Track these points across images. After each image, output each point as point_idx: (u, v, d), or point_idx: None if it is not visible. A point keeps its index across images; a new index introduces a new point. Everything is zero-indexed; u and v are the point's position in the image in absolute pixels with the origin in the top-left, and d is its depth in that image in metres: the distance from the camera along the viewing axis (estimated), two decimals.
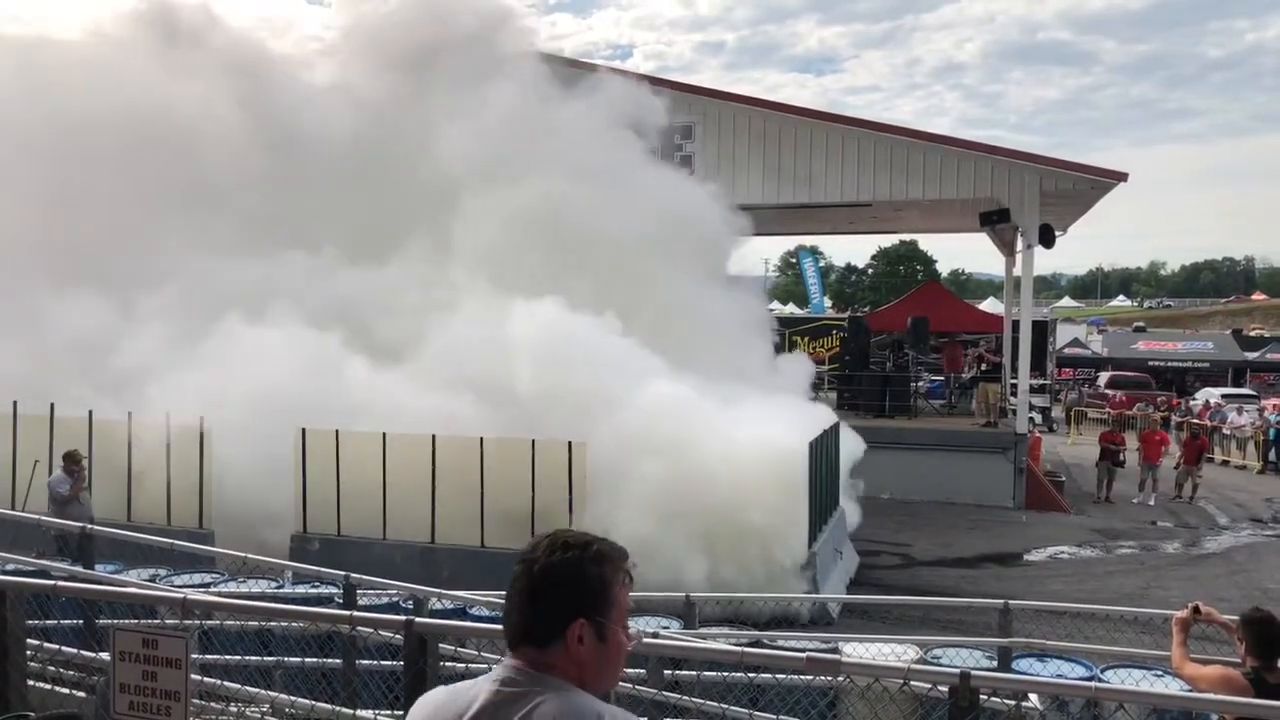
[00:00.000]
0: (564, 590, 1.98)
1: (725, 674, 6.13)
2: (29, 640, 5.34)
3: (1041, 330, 26.81)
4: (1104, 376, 40.92)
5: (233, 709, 5.54)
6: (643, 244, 15.73)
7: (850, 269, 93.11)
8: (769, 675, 5.96)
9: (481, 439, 11.63)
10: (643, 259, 15.70)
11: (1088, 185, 20.23)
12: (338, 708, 5.56)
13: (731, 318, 16.52)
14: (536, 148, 16.25)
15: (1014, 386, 21.46)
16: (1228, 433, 27.84)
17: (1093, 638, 7.74)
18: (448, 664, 6.09)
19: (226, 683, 5.74)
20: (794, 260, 58.51)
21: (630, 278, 15.43)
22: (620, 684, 6.22)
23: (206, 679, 5.70)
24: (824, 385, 20.28)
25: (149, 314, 14.48)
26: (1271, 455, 25.73)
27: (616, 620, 2.02)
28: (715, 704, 5.97)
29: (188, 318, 14.20)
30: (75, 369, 13.53)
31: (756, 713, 5.89)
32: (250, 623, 6.72)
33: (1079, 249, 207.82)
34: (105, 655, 4.56)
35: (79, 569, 8.31)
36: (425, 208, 16.40)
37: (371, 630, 5.85)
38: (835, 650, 6.98)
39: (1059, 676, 6.73)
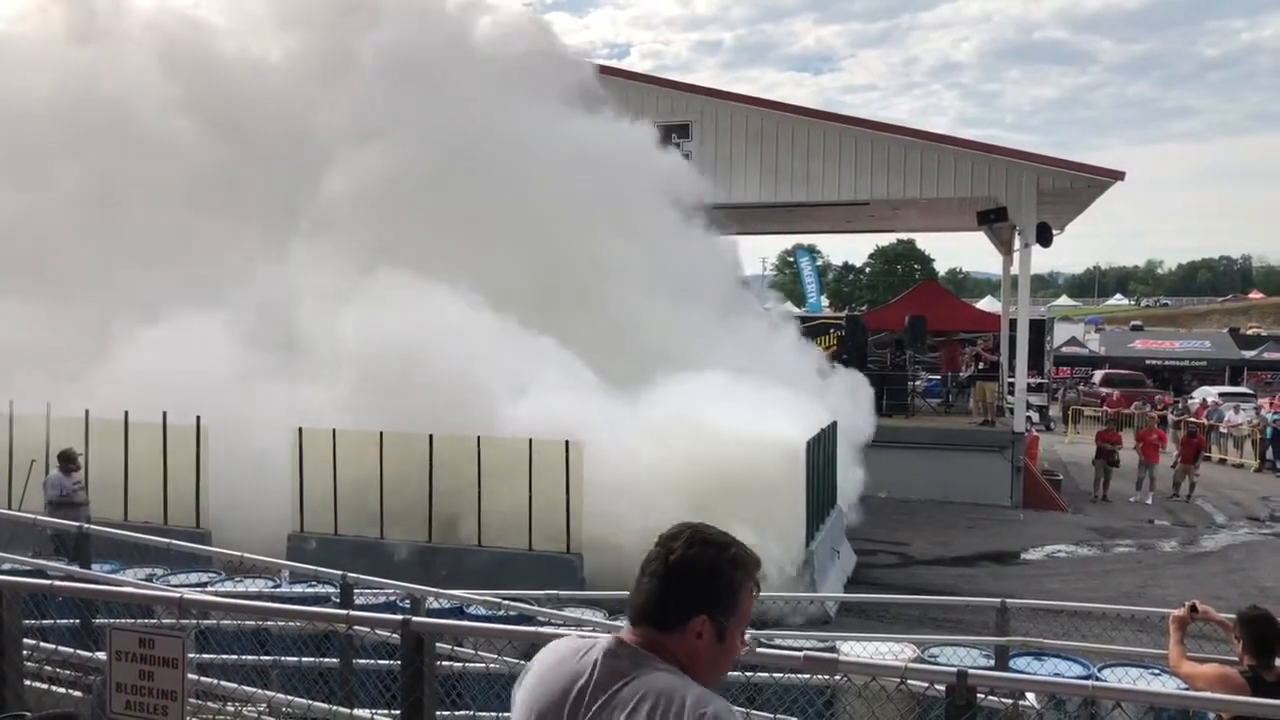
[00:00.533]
0: (695, 585, 2.06)
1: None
2: (25, 640, 5.33)
3: (1039, 329, 26.83)
4: (1098, 374, 41.01)
5: (230, 708, 5.53)
6: (568, 199, 14.80)
7: (848, 268, 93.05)
8: (766, 674, 5.95)
9: (479, 438, 11.61)
10: (567, 216, 14.81)
11: (1085, 184, 20.25)
12: (335, 707, 5.56)
13: (695, 279, 15.77)
14: (430, 101, 15.20)
15: (1011, 385, 21.48)
16: (1225, 431, 27.88)
17: (1090, 636, 7.74)
18: (445, 663, 6.09)
19: (223, 682, 5.74)
20: (791, 259, 58.50)
21: (554, 240, 14.63)
22: None
23: (203, 678, 5.70)
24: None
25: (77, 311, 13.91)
26: (1268, 454, 25.76)
27: (737, 625, 2.10)
28: None
29: (104, 314, 13.70)
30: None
31: (754, 711, 5.88)
32: (247, 622, 6.71)
33: (1076, 248, 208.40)
34: (102, 655, 4.55)
35: (76, 568, 8.30)
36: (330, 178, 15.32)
37: (368, 629, 5.84)
38: (832, 649, 6.99)
39: (1056, 675, 6.73)
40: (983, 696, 4.12)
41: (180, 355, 12.70)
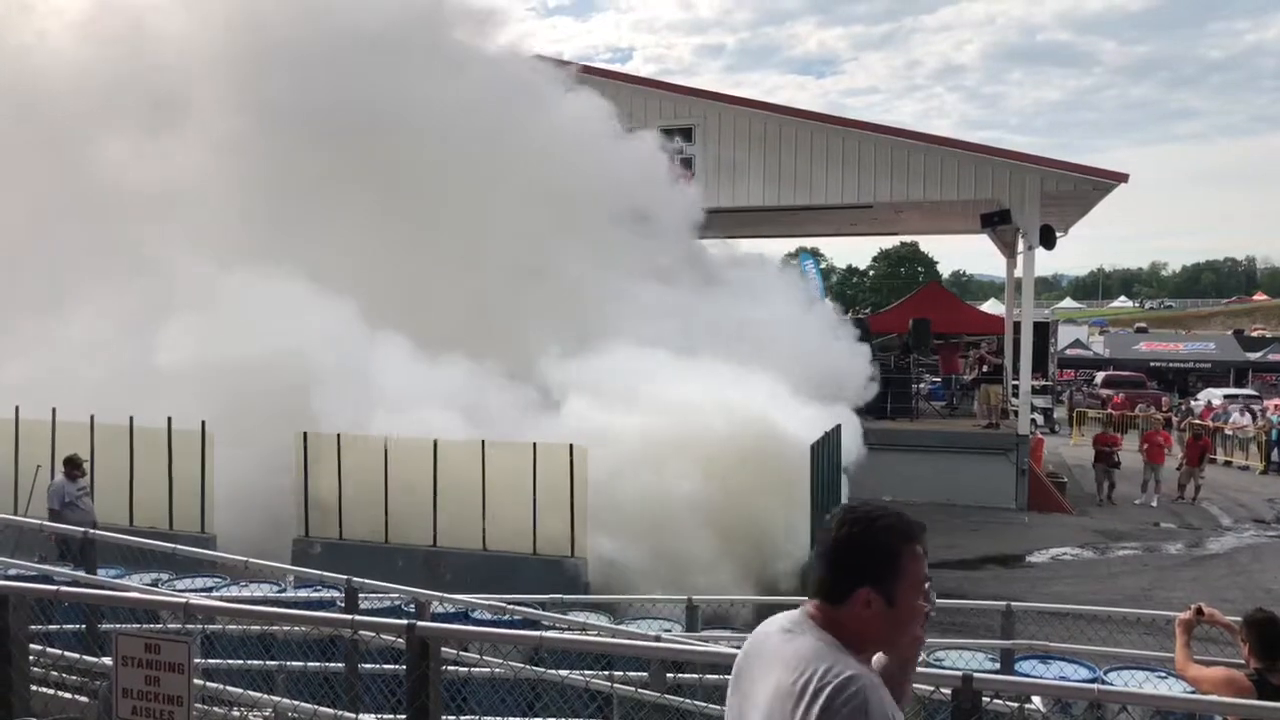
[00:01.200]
0: (853, 561, 2.23)
1: (727, 676, 6.11)
2: (31, 645, 5.34)
3: (1043, 331, 26.81)
4: (1099, 376, 40.99)
5: (235, 713, 5.54)
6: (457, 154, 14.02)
7: (851, 271, 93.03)
8: None
9: (483, 442, 11.61)
10: (455, 170, 14.05)
11: (1089, 186, 20.23)
12: (340, 712, 5.56)
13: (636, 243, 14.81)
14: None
15: (1016, 388, 21.46)
16: (1230, 433, 27.82)
17: (1095, 639, 7.72)
18: (450, 667, 6.09)
19: (229, 687, 5.73)
20: (795, 262, 58.47)
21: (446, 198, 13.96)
22: (622, 687, 6.14)
23: (209, 683, 5.70)
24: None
25: None
26: (1274, 455, 25.68)
27: (906, 588, 2.25)
28: (717, 707, 5.96)
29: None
30: None
31: None
32: (252, 627, 6.71)
33: (1080, 250, 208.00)
34: (108, 660, 4.56)
35: (81, 574, 8.31)
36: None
37: (373, 634, 5.85)
38: None
39: (1062, 678, 6.72)
40: (988, 700, 4.11)
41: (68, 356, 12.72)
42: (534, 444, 11.29)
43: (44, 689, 5.70)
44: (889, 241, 76.42)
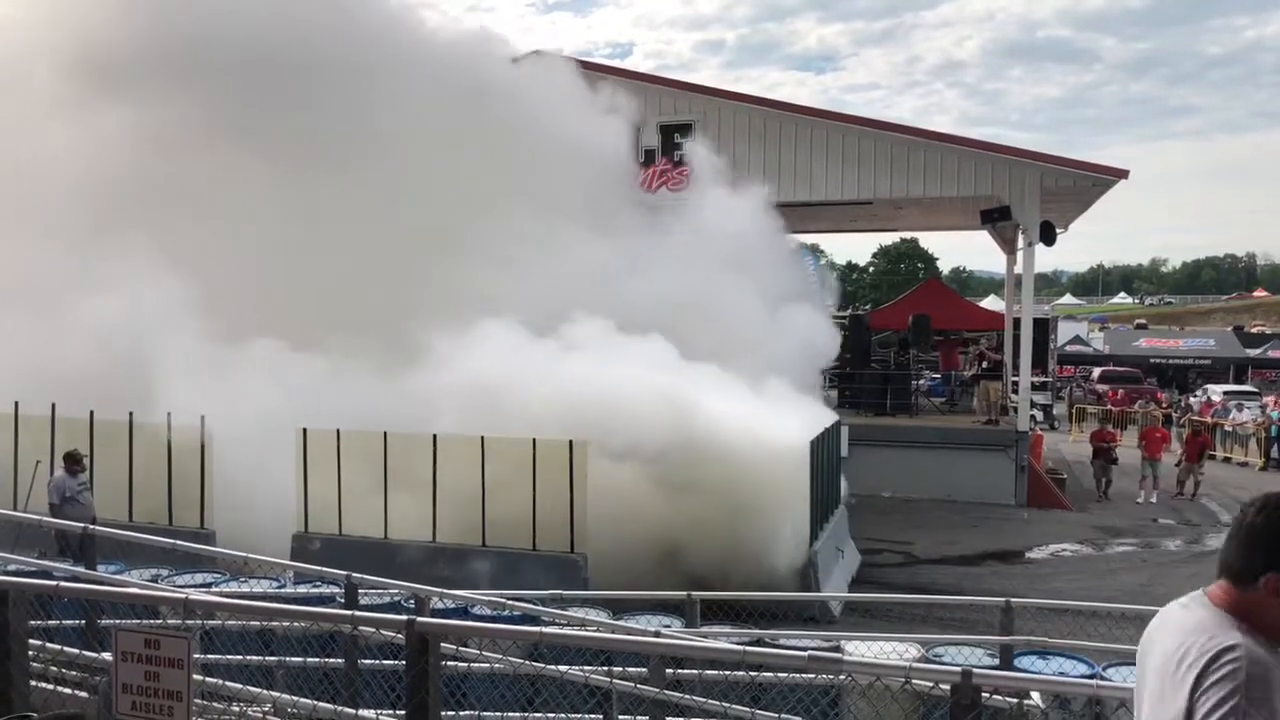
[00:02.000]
0: (1264, 547, 2.26)
1: (727, 673, 6.13)
2: (31, 640, 5.34)
3: (1043, 328, 26.80)
4: (1096, 372, 41.06)
5: (235, 709, 5.54)
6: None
7: (851, 267, 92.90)
8: (771, 674, 5.95)
9: (483, 438, 11.61)
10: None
11: (1089, 182, 20.23)
12: (339, 708, 5.56)
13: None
14: None
15: (1015, 384, 21.47)
16: (1230, 429, 27.82)
17: (1095, 635, 7.73)
18: (449, 663, 6.09)
19: (228, 683, 5.74)
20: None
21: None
22: (621, 683, 6.13)
23: (209, 679, 5.71)
24: (825, 383, 20.23)
25: None
26: (1274, 452, 25.70)
27: None
28: (717, 703, 5.96)
29: None
30: None
31: (758, 711, 5.87)
32: (252, 623, 6.72)
33: (1080, 246, 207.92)
34: (107, 655, 4.56)
35: (81, 569, 8.32)
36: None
37: (373, 630, 5.85)
38: (837, 648, 6.98)
39: (1061, 674, 6.72)
40: (987, 696, 4.11)
41: None
42: (533, 440, 11.30)
43: (44, 684, 5.71)
44: (889, 238, 76.40)
